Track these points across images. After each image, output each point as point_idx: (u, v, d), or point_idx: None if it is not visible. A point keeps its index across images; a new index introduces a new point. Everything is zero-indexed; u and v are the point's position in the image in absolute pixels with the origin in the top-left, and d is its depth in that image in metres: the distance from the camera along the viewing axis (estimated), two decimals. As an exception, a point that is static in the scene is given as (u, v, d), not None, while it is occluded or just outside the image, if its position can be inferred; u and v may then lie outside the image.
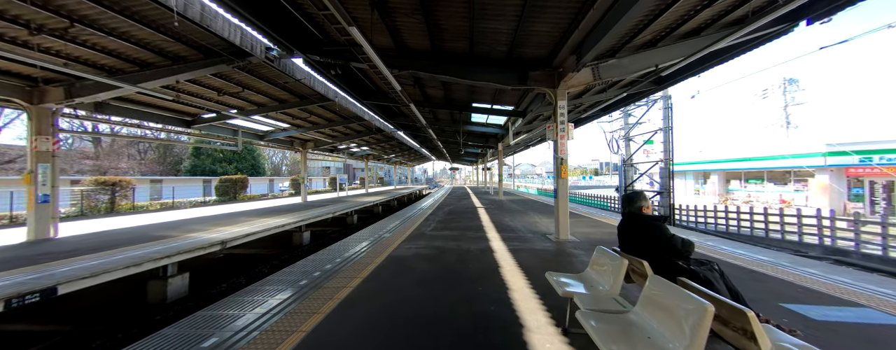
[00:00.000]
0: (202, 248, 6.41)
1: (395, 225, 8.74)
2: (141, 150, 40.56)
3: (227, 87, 8.81)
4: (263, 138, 14.58)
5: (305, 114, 12.42)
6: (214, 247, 6.67)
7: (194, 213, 13.37)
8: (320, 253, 5.73)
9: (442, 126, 14.88)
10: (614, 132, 19.62)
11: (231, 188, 23.93)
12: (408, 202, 26.16)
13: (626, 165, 18.24)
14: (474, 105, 10.60)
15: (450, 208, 13.10)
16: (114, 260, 5.26)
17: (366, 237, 7.03)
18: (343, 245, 6.26)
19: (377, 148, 25.03)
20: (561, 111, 6.41)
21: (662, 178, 14.97)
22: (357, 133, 17.92)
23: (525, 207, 13.26)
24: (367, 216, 18.89)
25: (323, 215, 11.92)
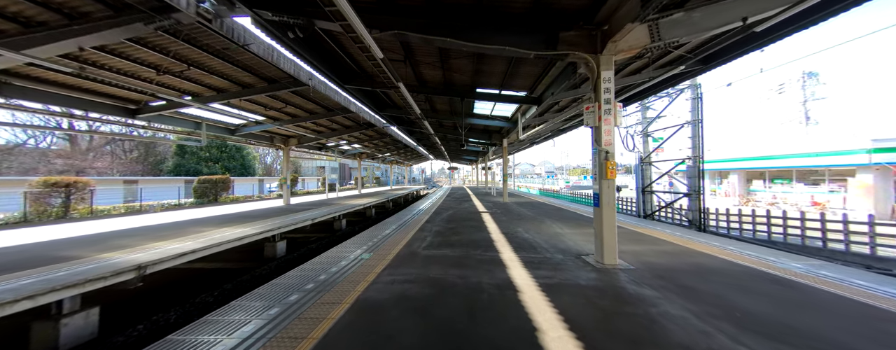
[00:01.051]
0: (103, 278, 4.57)
1: (380, 238, 6.90)
2: (126, 148, 38.61)
3: (166, 64, 6.94)
4: (235, 133, 12.71)
5: (279, 103, 10.56)
6: (125, 275, 4.83)
7: (157, 218, 11.51)
8: (262, 289, 3.89)
9: (440, 119, 13.06)
10: (630, 128, 17.84)
11: (210, 189, 22.04)
12: (403, 204, 24.31)
13: (644, 164, 16.46)
14: (479, 91, 8.78)
15: (449, 213, 11.27)
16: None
17: (336, 260, 5.19)
18: (300, 276, 4.42)
19: (370, 146, 23.18)
20: (606, 86, 4.59)
21: (690, 179, 13.19)
22: (345, 128, 16.07)
23: (537, 212, 11.45)
24: (357, 220, 17.07)
25: (300, 222, 10.07)
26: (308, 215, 11.26)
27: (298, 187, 36.35)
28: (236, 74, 8.19)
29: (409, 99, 7.92)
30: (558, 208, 12.90)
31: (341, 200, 18.65)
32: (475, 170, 49.47)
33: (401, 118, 15.36)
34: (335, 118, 13.92)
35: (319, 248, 11.21)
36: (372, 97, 11.59)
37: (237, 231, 8.02)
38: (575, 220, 9.27)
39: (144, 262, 5.12)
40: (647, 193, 16.36)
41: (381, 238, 6.86)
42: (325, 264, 4.89)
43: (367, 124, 15.60)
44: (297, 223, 9.96)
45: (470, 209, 12.64)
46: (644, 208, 16.37)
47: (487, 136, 16.46)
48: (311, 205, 16.11)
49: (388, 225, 8.74)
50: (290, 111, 11.83)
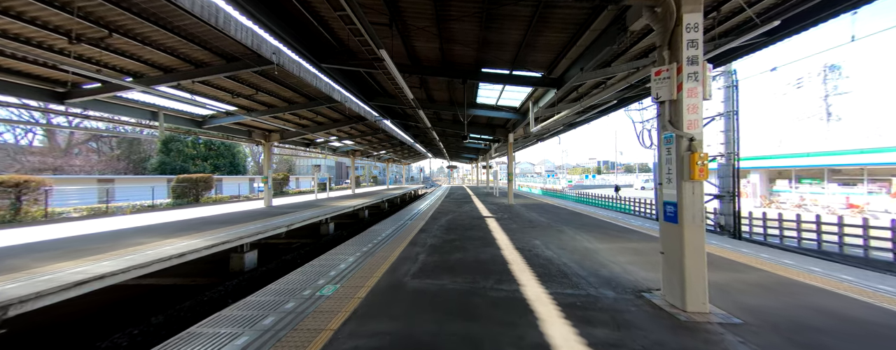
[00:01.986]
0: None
1: (356, 259, 5.29)
2: (114, 146, 36.86)
3: (78, 28, 5.31)
4: (203, 125, 11.06)
5: (247, 89, 8.92)
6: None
7: (113, 223, 9.90)
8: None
9: (438, 109, 11.44)
10: (646, 122, 16.24)
11: (191, 189, 20.39)
12: (399, 206, 22.69)
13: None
14: (485, 71, 7.15)
15: (449, 219, 9.67)
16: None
17: (282, 299, 3.58)
18: (210, 337, 2.81)
19: (363, 142, 21.55)
20: (690, 37, 2.99)
21: (722, 179, 11.60)
22: (333, 121, 14.45)
23: (551, 217, 9.85)
24: (349, 222, 15.47)
25: (273, 229, 8.46)
26: (283, 221, 9.64)
27: (291, 186, 34.70)
28: (184, 49, 6.57)
29: (398, 77, 6.29)
30: (574, 212, 11.30)
31: (330, 201, 17.04)
32: (475, 169, 47.87)
33: (394, 110, 13.75)
34: (319, 110, 12.30)
35: (297, 258, 9.62)
36: (358, 83, 9.98)
37: (185, 243, 6.40)
38: (600, 229, 7.67)
39: (7, 301, 3.50)
40: (667, 194, 14.78)
41: (357, 258, 5.25)
42: (263, 307, 3.28)
43: (356, 117, 14.00)
44: (266, 231, 8.34)
45: (472, 213, 11.03)
46: (664, 211, 14.80)
47: (491, 131, 14.86)
48: (295, 207, 14.50)
49: (374, 234, 7.12)
50: (263, 100, 10.20)
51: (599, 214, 10.93)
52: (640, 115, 16.67)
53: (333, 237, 12.94)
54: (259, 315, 3.07)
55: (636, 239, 6.48)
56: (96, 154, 36.35)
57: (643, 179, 48.64)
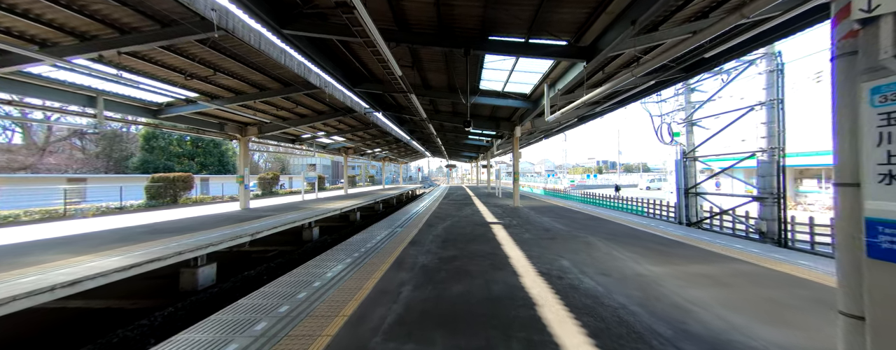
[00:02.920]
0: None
1: (318, 288, 3.70)
2: (97, 143, 35.14)
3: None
4: (159, 114, 9.44)
5: (203, 68, 7.31)
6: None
7: (57, 229, 8.29)
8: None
9: (435, 97, 9.85)
10: (666, 115, 14.70)
11: (167, 189, 18.77)
12: (394, 207, 21.09)
13: (688, 160, 13.31)
14: (493, 39, 5.58)
15: (447, 226, 8.09)
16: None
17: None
18: None
19: (354, 138, 19.95)
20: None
21: (763, 178, 10.05)
22: (317, 114, 12.86)
23: (568, 224, 8.28)
24: (338, 225, 13.89)
25: (229, 239, 6.86)
26: (249, 228, 8.05)
27: (285, 186, 33.04)
28: (102, 6, 4.97)
29: (379, 40, 4.70)
30: (592, 217, 9.73)
31: (317, 203, 15.44)
32: (474, 168, 46.32)
33: (384, 100, 12.16)
34: (298, 99, 10.72)
35: (264, 273, 8.03)
36: (340, 64, 8.39)
37: (100, 263, 4.80)
38: (635, 240, 6.10)
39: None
40: (690, 196, 13.24)
41: (312, 293, 3.66)
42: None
43: (344, 109, 12.41)
44: (225, 241, 6.75)
45: (475, 218, 9.46)
46: (687, 214, 13.25)
47: (494, 125, 13.29)
48: (275, 209, 12.91)
49: (353, 247, 5.54)
50: (227, 84, 8.60)
51: (621, 219, 9.37)
52: (659, 108, 15.13)
53: (316, 244, 11.40)
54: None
55: (694, 257, 4.90)
56: (81, 152, 34.69)
57: (648, 179, 47.15)
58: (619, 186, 40.14)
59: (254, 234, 7.61)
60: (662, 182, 44.03)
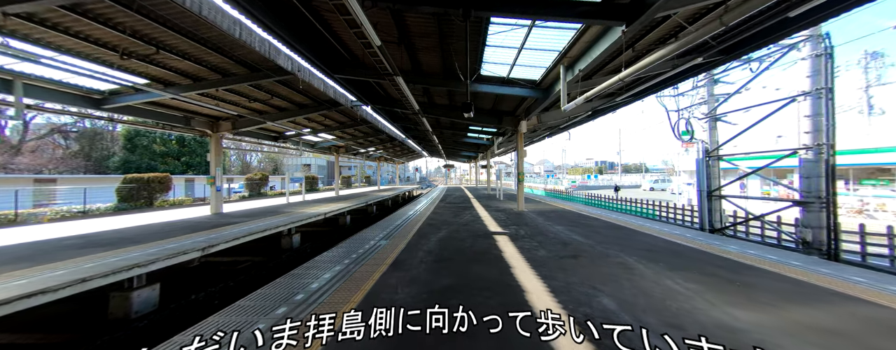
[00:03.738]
0: None
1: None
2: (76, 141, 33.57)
3: None
4: (103, 104, 8.02)
5: (142, 45, 5.91)
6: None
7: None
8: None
9: (430, 85, 8.50)
10: (684, 111, 13.39)
11: (141, 191, 17.32)
12: (385, 210, 19.68)
13: (711, 159, 11.99)
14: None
15: (443, 237, 6.72)
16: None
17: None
18: None
19: (345, 136, 18.56)
20: None
21: (807, 179, 8.72)
22: (298, 107, 11.47)
23: (590, 235, 6.93)
24: (324, 230, 12.49)
25: (169, 254, 5.46)
26: (202, 240, 6.66)
27: (276, 187, 31.52)
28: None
29: (353, 4, 3.33)
30: (612, 225, 8.38)
31: (302, 206, 14.04)
32: (473, 168, 44.98)
33: (373, 92, 10.79)
34: (272, 88, 9.35)
35: (217, 295, 6.65)
36: (314, 45, 7.01)
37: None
38: (682, 259, 4.75)
39: None
40: (714, 199, 11.91)
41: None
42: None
43: (328, 102, 11.03)
44: (161, 259, 5.36)
45: (475, 226, 8.09)
46: (711, 219, 11.92)
47: (496, 120, 11.93)
48: (252, 214, 11.52)
49: (312, 274, 4.17)
50: (178, 66, 7.20)
51: (646, 227, 8.03)
52: (676, 102, 13.82)
53: (295, 253, 10.04)
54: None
55: (784, 292, 3.55)
56: (64, 151, 33.10)
57: (652, 180, 45.92)
58: (619, 187, 38.99)
59: (205, 249, 6.21)
60: (667, 183, 42.82)
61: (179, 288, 6.78)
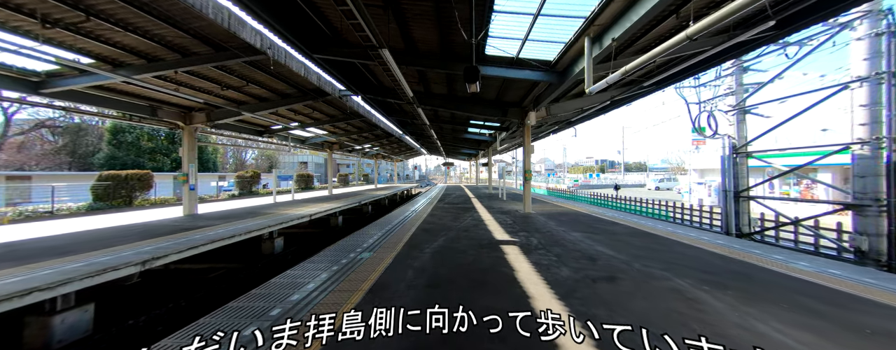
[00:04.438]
0: None
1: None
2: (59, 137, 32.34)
3: None
4: (42, 88, 6.82)
5: (69, 11, 4.74)
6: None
7: None
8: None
9: (424, 66, 7.32)
10: (707, 103, 12.20)
11: (118, 190, 16.15)
12: (378, 211, 18.51)
13: (739, 155, 10.82)
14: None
15: (439, 248, 5.57)
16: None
17: None
18: None
19: (337, 131, 17.37)
20: None
21: (862, 179, 7.54)
22: (280, 97, 10.29)
23: (615, 246, 5.77)
24: (312, 231, 11.32)
25: (96, 273, 4.29)
26: (149, 250, 5.49)
27: (267, 185, 30.30)
28: None
29: None
30: (635, 231, 7.21)
31: (289, 207, 12.87)
32: (473, 166, 43.80)
33: (363, 79, 9.61)
34: (246, 73, 8.18)
35: (157, 321, 5.50)
36: (285, 17, 5.83)
37: None
38: (754, 284, 3.60)
39: None
40: (741, 200, 10.75)
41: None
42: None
43: (313, 91, 9.86)
44: (85, 275, 4.21)
45: (478, 233, 6.92)
46: (737, 222, 10.76)
47: (500, 112, 10.75)
48: (231, 215, 10.37)
49: (264, 303, 3.02)
50: (124, 41, 6.02)
51: (675, 234, 6.86)
52: (696, 94, 12.63)
53: (276, 258, 8.97)
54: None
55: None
56: (50, 146, 31.88)
57: (657, 179, 44.74)
58: (619, 186, 37.92)
59: (146, 262, 5.03)
60: (672, 182, 41.64)
61: (129, 305, 5.66)
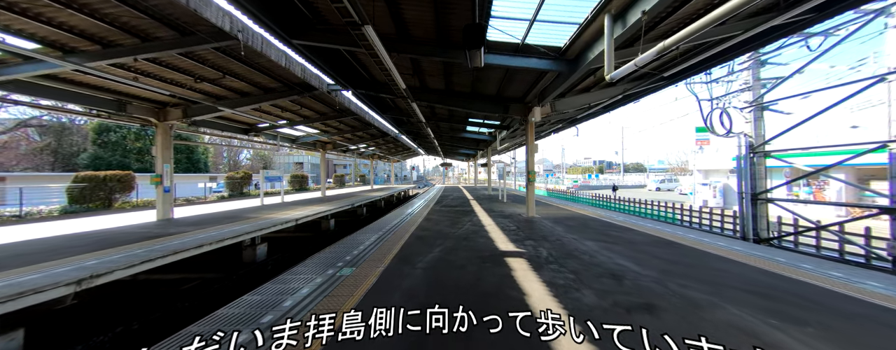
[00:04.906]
0: None
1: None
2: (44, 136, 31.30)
3: None
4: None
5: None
6: None
7: None
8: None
9: (418, 54, 6.54)
10: (719, 100, 11.48)
11: (96, 192, 15.26)
12: (372, 214, 17.70)
13: (757, 155, 10.10)
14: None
15: (434, 261, 4.78)
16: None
17: None
18: None
19: (329, 130, 16.55)
20: None
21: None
22: (263, 91, 9.48)
23: (638, 258, 5.00)
24: (293, 236, 10.49)
25: (21, 294, 3.47)
26: (83, 266, 4.66)
27: (261, 186, 29.39)
28: None
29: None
30: (657, 240, 6.44)
31: (276, 210, 12.03)
32: (471, 167, 43.03)
33: (353, 73, 8.80)
34: (221, 63, 7.37)
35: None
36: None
37: None
38: (807, 308, 2.83)
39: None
40: (759, 203, 10.02)
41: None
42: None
43: (299, 86, 9.06)
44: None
45: (478, 243, 6.14)
46: (755, 226, 10.03)
47: (501, 108, 9.98)
48: (208, 220, 9.54)
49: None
50: (71, 23, 5.20)
51: (702, 242, 6.10)
52: (708, 90, 11.91)
53: (257, 266, 8.21)
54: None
55: None
56: (31, 146, 30.83)
57: (658, 180, 44.11)
58: (617, 186, 37.39)
59: (82, 280, 4.21)
60: (673, 183, 41.03)
61: (72, 328, 4.85)
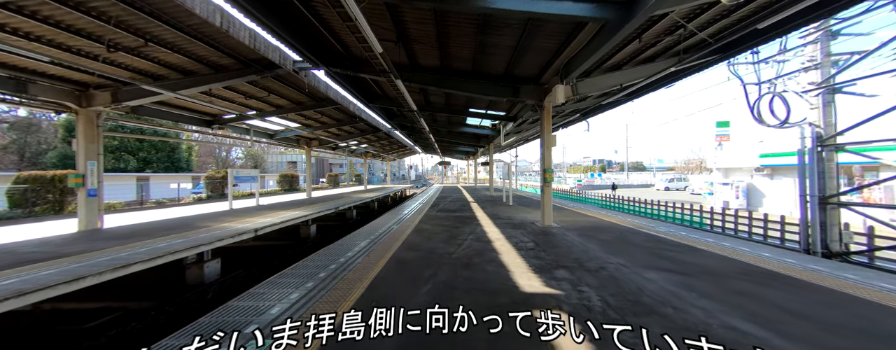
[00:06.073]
0: None
1: None
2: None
3: None
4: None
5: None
6: None
7: None
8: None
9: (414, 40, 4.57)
10: (770, 82, 9.56)
11: (43, 194, 13.38)
12: (358, 219, 15.76)
13: (827, 149, 8.19)
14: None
15: (419, 308, 2.80)
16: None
17: None
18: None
19: (312, 123, 14.61)
20: None
21: None
22: (214, 70, 7.56)
23: (748, 308, 3.07)
24: (253, 246, 8.62)
25: None
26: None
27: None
28: None
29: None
30: (744, 265, 4.51)
31: (241, 216, 10.12)
32: (471, 166, 41.09)
33: (319, 39, 6.85)
34: (135, 23, 5.42)
35: None
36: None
37: None
38: None
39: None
40: (829, 208, 8.12)
41: None
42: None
43: (256, 62, 7.15)
44: None
45: (486, 274, 4.24)
46: (824, 237, 8.13)
47: (511, 91, 8.08)
48: (147, 231, 7.63)
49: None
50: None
51: (801, 271, 4.20)
52: (755, 73, 9.97)
53: (205, 289, 6.32)
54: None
55: None
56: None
57: (666, 179, 42.29)
58: (616, 185, 35.91)
59: None
60: (682, 182, 39.13)
61: None
